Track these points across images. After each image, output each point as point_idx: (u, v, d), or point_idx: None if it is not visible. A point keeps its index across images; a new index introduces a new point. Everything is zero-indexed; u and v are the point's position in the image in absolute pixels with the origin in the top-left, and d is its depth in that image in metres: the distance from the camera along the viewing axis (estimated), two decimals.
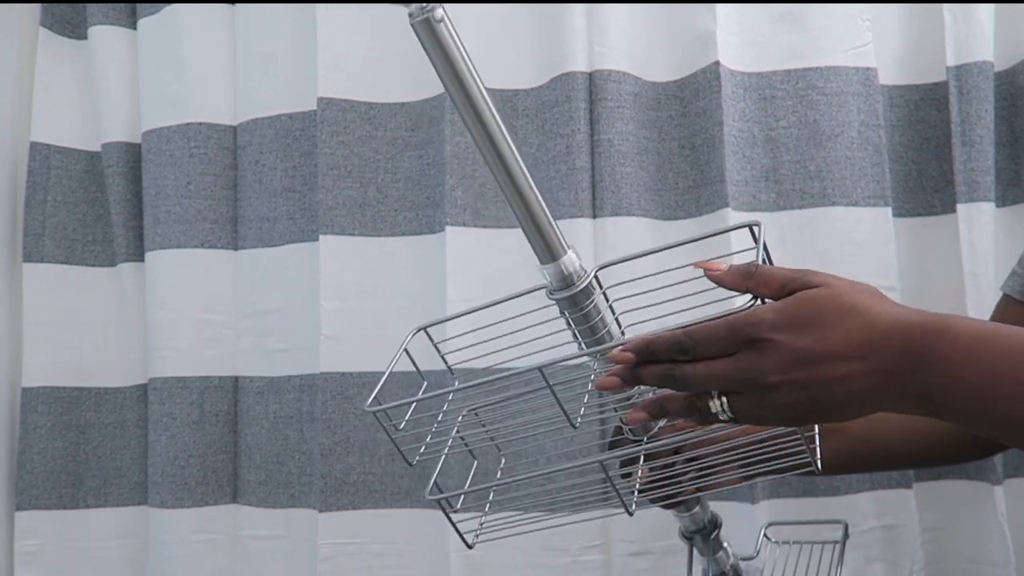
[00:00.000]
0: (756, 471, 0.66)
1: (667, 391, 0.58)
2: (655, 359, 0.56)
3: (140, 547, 1.16)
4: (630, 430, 0.70)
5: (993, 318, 0.82)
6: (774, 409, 0.54)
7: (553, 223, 0.59)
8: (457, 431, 0.71)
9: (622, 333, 0.66)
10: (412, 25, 0.53)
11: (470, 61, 0.56)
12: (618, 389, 0.58)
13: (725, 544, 0.79)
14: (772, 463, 0.64)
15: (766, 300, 0.56)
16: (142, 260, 1.18)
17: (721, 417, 0.56)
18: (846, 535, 0.81)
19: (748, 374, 0.54)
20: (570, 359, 0.59)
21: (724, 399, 0.55)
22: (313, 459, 1.09)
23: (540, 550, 1.01)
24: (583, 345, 0.63)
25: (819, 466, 0.62)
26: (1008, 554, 0.94)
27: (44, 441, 1.17)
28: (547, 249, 0.59)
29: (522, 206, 0.58)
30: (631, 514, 0.65)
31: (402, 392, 1.08)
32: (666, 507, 0.77)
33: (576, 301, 0.60)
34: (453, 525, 0.67)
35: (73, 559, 1.17)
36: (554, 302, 0.61)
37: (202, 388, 1.14)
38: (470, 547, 0.68)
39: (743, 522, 0.96)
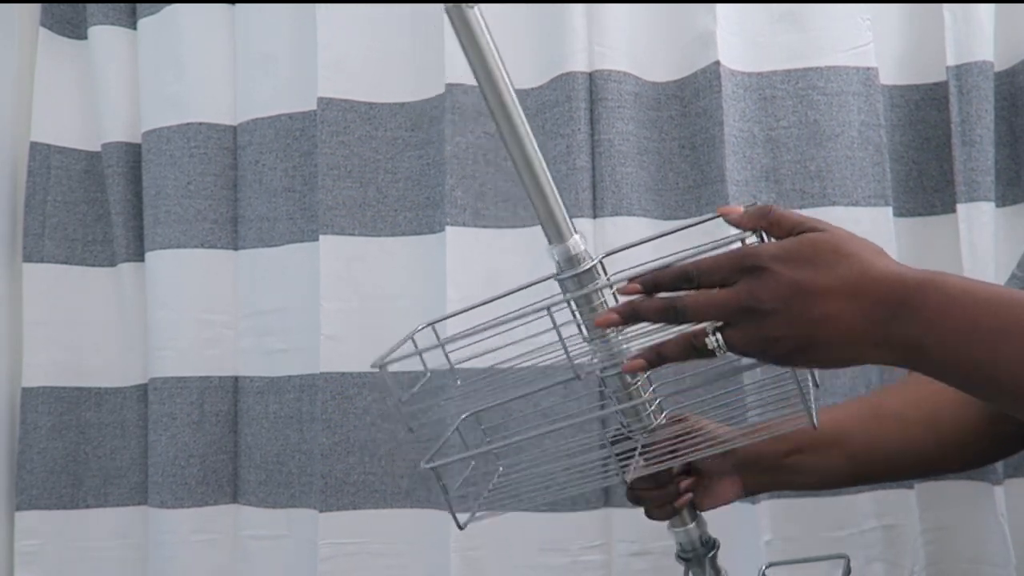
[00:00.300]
0: (749, 423, 0.67)
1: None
2: (660, 290, 0.59)
3: (140, 547, 1.16)
4: (628, 428, 0.70)
5: None
6: (766, 341, 0.56)
7: (562, 205, 0.63)
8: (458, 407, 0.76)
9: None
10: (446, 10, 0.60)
11: (495, 46, 0.65)
12: (617, 326, 0.61)
13: (722, 570, 0.77)
14: (765, 409, 0.64)
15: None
16: (142, 260, 1.18)
17: (717, 353, 0.57)
18: (848, 571, 0.80)
19: (745, 301, 0.56)
20: (578, 294, 0.63)
21: (719, 335, 0.57)
22: (313, 459, 1.09)
23: (540, 550, 1.01)
24: (585, 331, 0.65)
25: (815, 421, 0.63)
26: (1008, 554, 0.94)
27: (44, 441, 1.17)
28: (557, 229, 0.63)
29: (535, 185, 0.62)
30: (626, 483, 0.67)
31: (402, 392, 1.08)
32: (661, 517, 0.76)
33: (582, 282, 0.63)
34: (446, 499, 0.69)
35: (73, 559, 1.17)
36: (560, 289, 0.64)
37: (202, 388, 1.14)
38: (461, 528, 0.70)
39: (744, 524, 0.96)
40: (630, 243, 0.69)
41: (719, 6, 1.01)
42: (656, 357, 0.60)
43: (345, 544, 1.05)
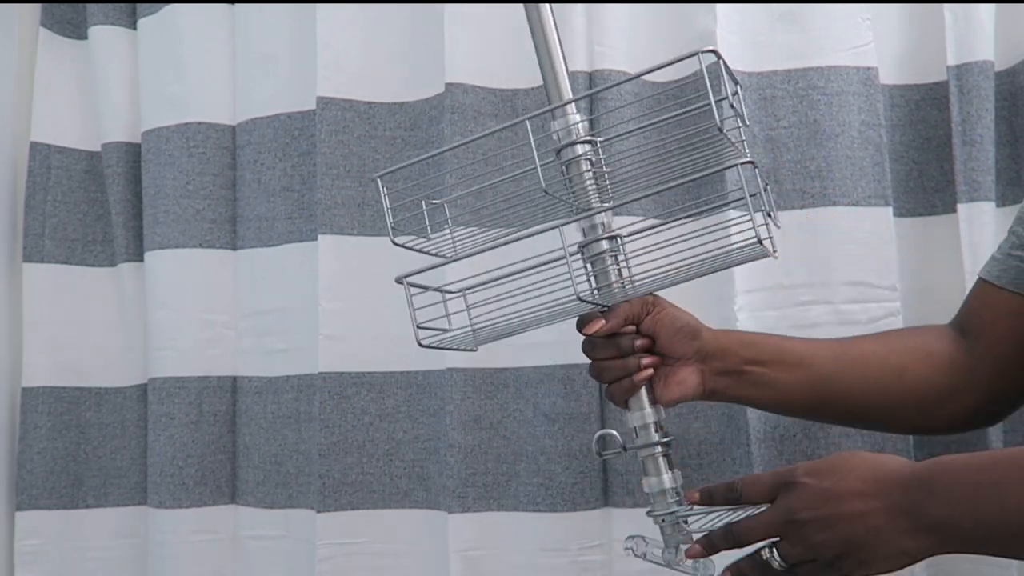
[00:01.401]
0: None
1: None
2: (714, 501, 0.72)
3: (140, 547, 1.16)
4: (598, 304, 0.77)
5: (967, 302, 0.83)
6: (813, 548, 0.64)
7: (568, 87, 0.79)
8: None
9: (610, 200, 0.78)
10: None
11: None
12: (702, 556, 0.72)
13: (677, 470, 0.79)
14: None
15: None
16: (142, 260, 1.18)
17: (778, 568, 0.67)
18: None
19: (784, 515, 0.66)
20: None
21: (775, 550, 0.66)
22: (311, 459, 1.09)
23: (540, 550, 1.01)
24: (575, 203, 0.76)
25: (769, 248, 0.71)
26: None
27: (44, 441, 1.17)
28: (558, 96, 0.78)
29: (552, 73, 0.79)
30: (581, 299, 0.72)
31: (401, 391, 1.08)
32: (620, 395, 0.79)
33: (574, 150, 0.77)
34: (412, 314, 0.76)
35: (73, 559, 1.17)
36: (558, 165, 0.76)
37: (200, 388, 1.14)
38: (421, 344, 0.76)
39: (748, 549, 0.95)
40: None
41: (719, 6, 1.00)
42: (738, 573, 0.70)
43: (343, 544, 1.05)
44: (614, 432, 0.79)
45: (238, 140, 1.16)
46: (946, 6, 0.99)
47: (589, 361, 1.00)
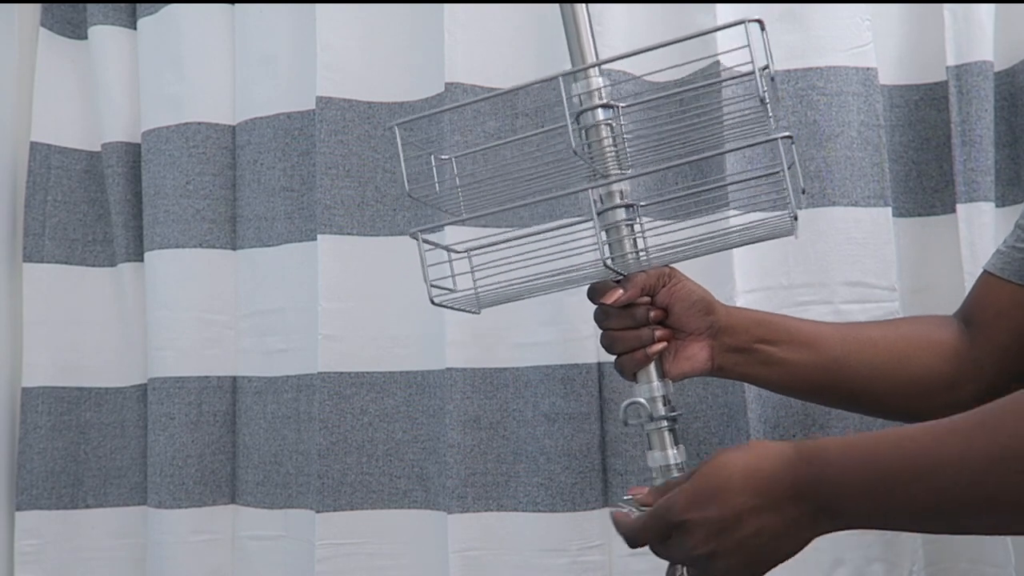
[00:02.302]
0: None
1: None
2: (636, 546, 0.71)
3: (140, 547, 1.16)
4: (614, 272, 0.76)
5: (971, 294, 0.83)
6: (728, 572, 0.64)
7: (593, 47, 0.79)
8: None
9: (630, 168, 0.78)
10: None
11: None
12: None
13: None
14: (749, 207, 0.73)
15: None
16: (142, 260, 1.18)
17: None
18: None
19: (684, 553, 0.65)
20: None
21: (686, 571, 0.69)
22: (310, 459, 1.09)
23: (540, 550, 1.01)
24: (593, 163, 0.75)
25: (794, 227, 0.70)
26: (1008, 554, 0.94)
27: (44, 441, 1.17)
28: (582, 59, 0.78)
29: (576, 36, 0.80)
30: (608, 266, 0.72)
31: (400, 391, 1.08)
32: (630, 367, 0.78)
33: (595, 115, 0.76)
34: (424, 269, 0.75)
35: (73, 559, 1.17)
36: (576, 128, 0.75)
37: (200, 388, 1.14)
38: (433, 302, 0.77)
39: None
40: (626, 52, 0.78)
41: (719, 6, 1.00)
42: None
43: (343, 544, 1.05)
44: (643, 400, 0.77)
45: (238, 140, 1.16)
46: (945, 6, 0.99)
47: (589, 362, 1.00)
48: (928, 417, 0.87)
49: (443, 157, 0.83)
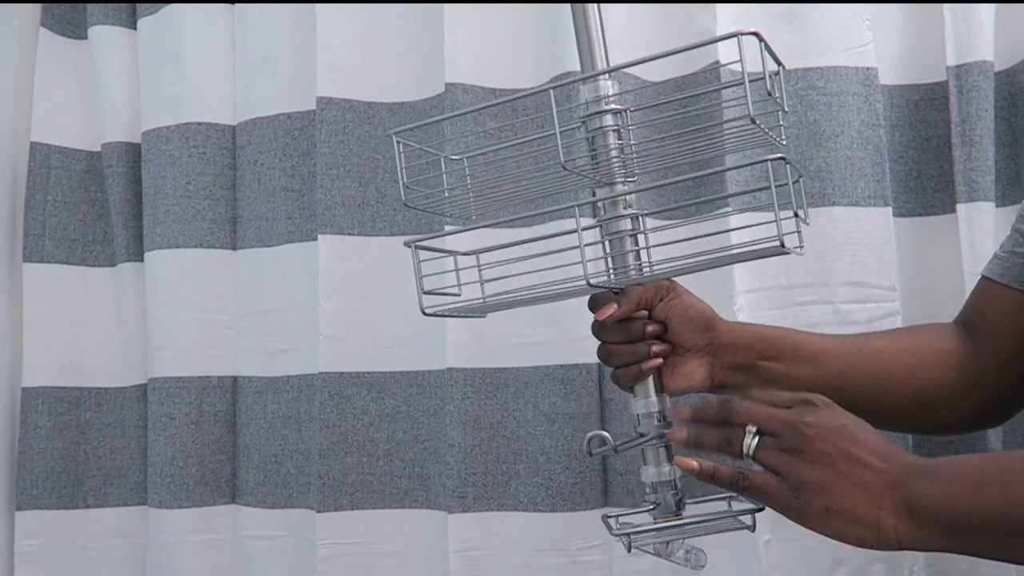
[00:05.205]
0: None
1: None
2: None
3: (140, 547, 1.16)
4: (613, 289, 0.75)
5: (970, 301, 0.82)
6: (794, 466, 0.62)
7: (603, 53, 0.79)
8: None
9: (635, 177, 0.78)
10: None
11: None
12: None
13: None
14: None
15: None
16: (142, 260, 1.18)
17: (746, 453, 0.65)
18: None
19: (795, 417, 0.63)
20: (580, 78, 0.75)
21: (756, 440, 0.64)
22: (311, 459, 1.09)
23: (540, 550, 1.01)
24: (597, 177, 0.75)
25: (792, 245, 0.68)
26: None
27: (44, 441, 1.17)
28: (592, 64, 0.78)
29: (587, 40, 0.79)
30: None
31: (400, 391, 1.08)
32: (627, 380, 0.77)
33: (603, 120, 0.75)
34: (418, 279, 0.75)
35: (73, 559, 1.17)
36: (585, 132, 0.75)
37: (200, 388, 1.14)
38: (425, 312, 0.76)
39: (746, 548, 0.96)
40: (634, 60, 0.77)
41: (719, 6, 1.00)
42: (696, 441, 0.68)
43: (343, 544, 1.05)
44: (605, 433, 0.76)
45: (238, 140, 1.16)
46: (946, 6, 1.00)
47: (589, 362, 1.00)
48: (933, 428, 0.86)
49: (454, 157, 0.81)
